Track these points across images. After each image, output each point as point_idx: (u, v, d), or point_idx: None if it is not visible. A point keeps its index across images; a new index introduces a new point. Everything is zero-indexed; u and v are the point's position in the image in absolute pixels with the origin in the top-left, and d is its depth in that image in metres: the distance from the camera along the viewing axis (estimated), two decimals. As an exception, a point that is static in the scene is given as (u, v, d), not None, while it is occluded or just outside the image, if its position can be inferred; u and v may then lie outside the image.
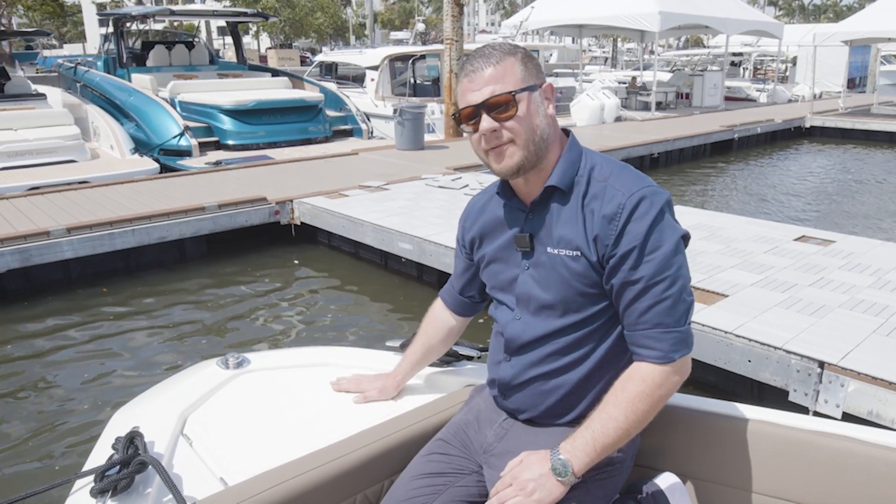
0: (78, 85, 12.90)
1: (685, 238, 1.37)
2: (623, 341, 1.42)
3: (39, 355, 4.44)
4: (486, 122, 1.37)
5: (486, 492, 1.46)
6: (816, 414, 3.17)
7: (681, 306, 1.34)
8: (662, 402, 1.35)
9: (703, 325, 3.57)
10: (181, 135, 9.74)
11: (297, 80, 12.90)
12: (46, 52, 39.26)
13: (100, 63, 13.06)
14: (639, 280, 1.32)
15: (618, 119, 14.14)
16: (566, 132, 1.48)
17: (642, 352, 1.36)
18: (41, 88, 11.68)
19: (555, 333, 1.44)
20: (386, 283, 5.80)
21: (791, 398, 3.27)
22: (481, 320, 2.52)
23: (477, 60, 1.38)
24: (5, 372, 4.21)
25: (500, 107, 1.36)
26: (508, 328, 1.50)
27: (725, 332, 3.50)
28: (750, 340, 3.41)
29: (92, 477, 1.43)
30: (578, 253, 1.37)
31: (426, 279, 5.64)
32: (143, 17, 12.31)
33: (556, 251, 1.41)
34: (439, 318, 1.83)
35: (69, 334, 4.77)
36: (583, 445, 1.33)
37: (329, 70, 16.42)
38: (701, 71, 19.25)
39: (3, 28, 28.07)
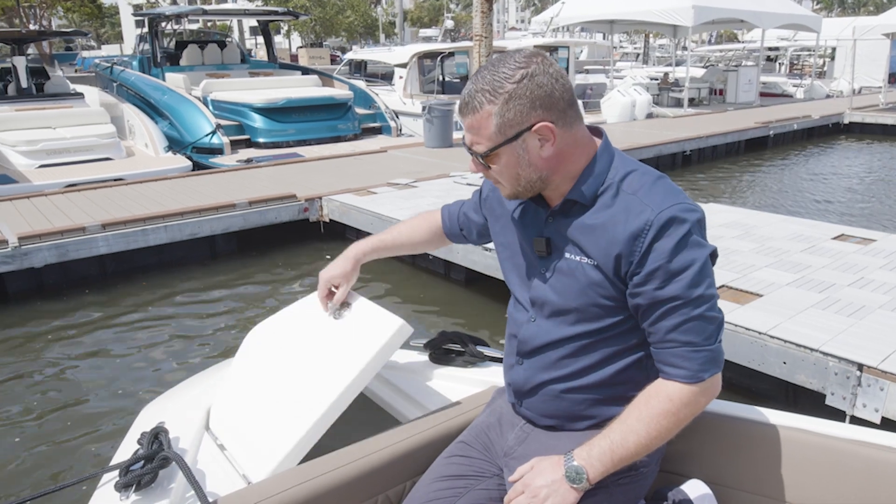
0: (114, 84, 13.17)
1: (713, 255, 1.31)
2: (640, 350, 1.38)
3: (73, 348, 4.53)
4: (472, 165, 1.38)
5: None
6: (854, 419, 3.08)
7: (710, 324, 1.29)
8: (687, 420, 1.31)
9: (737, 326, 3.48)
10: (213, 133, 9.88)
11: (326, 79, 12.99)
12: (85, 53, 40.13)
13: (135, 63, 13.32)
14: (667, 300, 1.27)
15: (649, 116, 13.95)
16: (598, 132, 1.40)
17: (670, 370, 1.31)
18: (79, 88, 11.96)
19: (568, 339, 1.40)
20: (413, 279, 5.80)
21: (828, 402, 3.18)
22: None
23: (463, 96, 1.31)
24: (42, 364, 4.30)
25: (480, 157, 1.33)
26: (522, 329, 1.47)
27: (759, 333, 3.41)
28: (785, 342, 3.32)
29: (117, 471, 1.45)
30: (598, 265, 1.33)
31: (453, 277, 5.63)
32: (177, 17, 12.50)
33: (576, 258, 1.36)
34: (430, 226, 1.83)
35: (102, 328, 4.86)
36: (599, 454, 1.29)
37: (358, 68, 16.50)
38: (735, 66, 18.88)
39: (42, 29, 28.76)
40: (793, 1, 18.43)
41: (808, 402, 3.30)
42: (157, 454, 1.47)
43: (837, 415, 3.15)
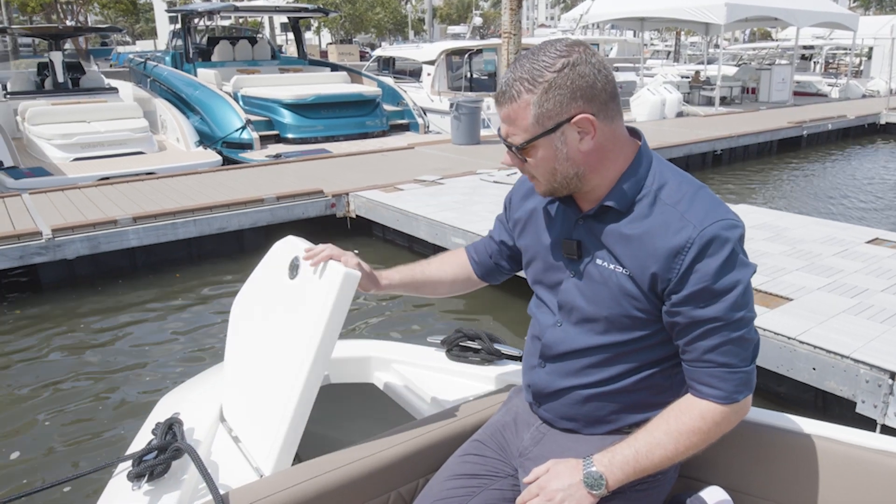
0: (147, 79, 13.39)
1: (752, 272, 1.28)
2: (667, 362, 1.35)
3: (102, 339, 4.62)
4: (507, 157, 1.33)
5: None
6: (885, 428, 3.02)
7: (748, 347, 1.26)
8: (716, 438, 1.29)
9: (765, 330, 3.43)
10: (243, 128, 9.99)
11: (355, 75, 13.05)
12: (120, 49, 40.85)
13: (168, 58, 13.53)
14: (708, 320, 1.22)
15: (679, 114, 13.77)
16: (636, 134, 1.34)
17: (704, 389, 1.27)
18: (113, 83, 12.19)
19: (595, 348, 1.36)
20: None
21: (858, 409, 3.11)
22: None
23: (504, 80, 1.25)
24: (70, 354, 4.40)
25: (516, 149, 1.28)
26: (547, 333, 1.43)
27: (789, 338, 3.36)
28: (815, 347, 3.26)
29: (130, 462, 1.46)
30: (632, 275, 1.27)
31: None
32: (210, 13, 12.67)
33: (609, 266, 1.31)
34: (460, 264, 1.69)
35: (131, 320, 4.95)
36: (622, 463, 1.27)
37: (387, 64, 16.56)
38: (769, 65, 18.55)
39: (79, 25, 29.33)
40: (829, -1, 18.02)
41: (839, 409, 3.24)
42: (170, 445, 1.47)
43: (868, 423, 3.08)
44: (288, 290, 1.60)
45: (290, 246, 1.64)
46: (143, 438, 1.62)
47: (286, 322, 1.56)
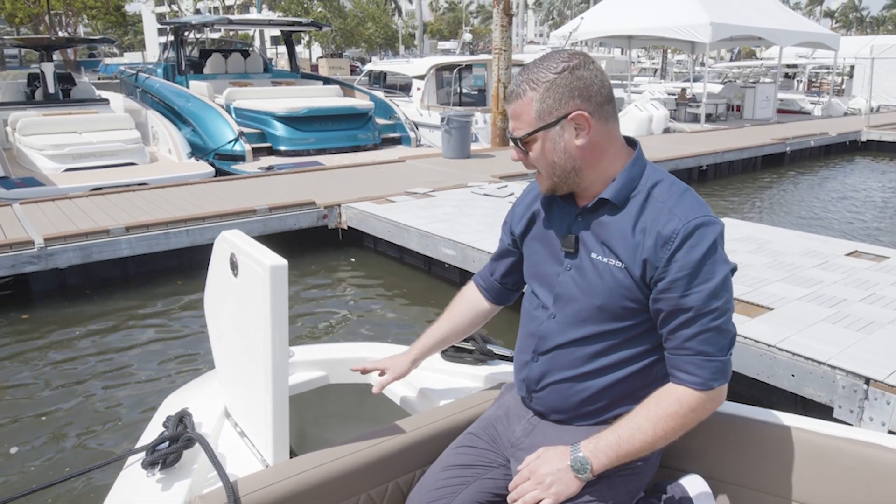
0: (138, 91, 13.43)
1: (733, 271, 1.39)
2: (653, 354, 1.45)
3: (95, 347, 4.66)
4: (514, 150, 1.46)
5: None
6: (861, 430, 3.12)
7: (725, 337, 1.36)
8: (692, 424, 1.38)
9: (746, 339, 3.54)
10: (236, 140, 10.05)
11: (347, 89, 13.16)
12: (108, 60, 40.86)
13: (159, 70, 13.58)
14: (688, 308, 1.33)
15: (666, 131, 13.99)
16: (632, 143, 1.47)
17: (682, 376, 1.38)
18: (104, 94, 12.21)
19: (589, 338, 1.45)
20: (429, 288, 5.89)
21: (836, 415, 3.22)
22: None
23: (514, 82, 1.41)
24: (64, 362, 4.43)
25: (520, 143, 1.42)
26: (542, 326, 1.52)
27: (769, 346, 3.46)
28: (794, 355, 3.37)
29: (143, 452, 1.54)
30: (626, 267, 1.38)
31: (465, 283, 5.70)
32: (203, 26, 12.75)
33: (604, 259, 1.41)
34: (469, 300, 1.82)
35: (124, 328, 4.98)
36: (606, 448, 1.36)
37: (378, 79, 16.69)
38: (753, 83, 18.88)
39: (70, 36, 29.32)
40: (811, 19, 18.40)
41: (817, 414, 3.31)
42: (182, 435, 1.55)
43: (845, 427, 3.19)
44: (235, 288, 1.63)
45: (227, 243, 1.67)
46: (152, 432, 1.68)
47: (242, 318, 1.61)
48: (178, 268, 6.20)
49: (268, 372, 1.48)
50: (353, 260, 6.57)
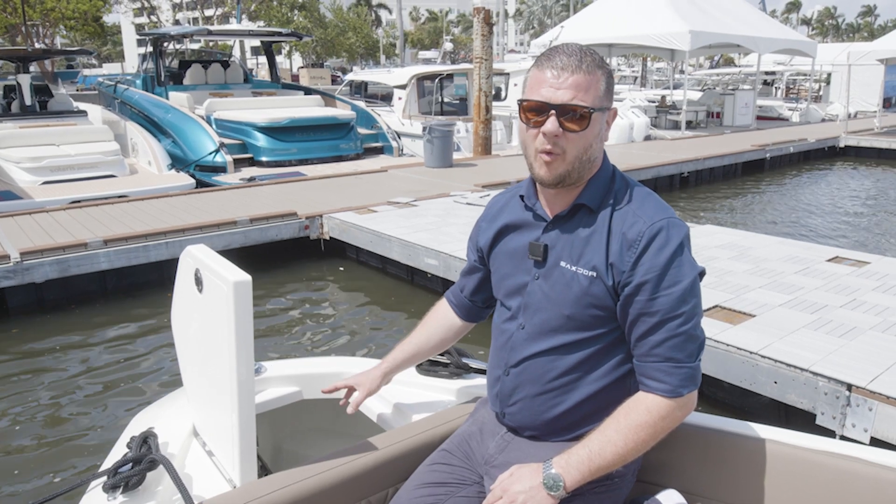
0: (117, 102, 13.31)
1: (701, 275, 1.37)
2: (623, 366, 1.42)
3: (71, 362, 4.57)
4: (552, 124, 1.31)
5: None
6: (844, 438, 3.12)
7: (693, 343, 1.34)
8: (664, 433, 1.36)
9: (729, 346, 3.54)
10: (217, 151, 9.98)
11: (329, 99, 13.13)
12: (86, 71, 40.50)
13: (138, 81, 13.46)
14: (654, 313, 1.32)
15: (647, 138, 14.09)
16: None
17: (651, 383, 1.35)
18: (82, 106, 12.08)
19: (558, 349, 1.42)
20: (411, 297, 5.86)
21: (818, 421, 3.22)
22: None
23: (566, 58, 1.32)
24: (40, 378, 4.34)
25: (573, 116, 1.32)
26: (512, 337, 1.49)
27: (751, 353, 3.47)
28: (776, 361, 3.38)
29: (105, 476, 1.49)
30: (595, 274, 1.36)
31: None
32: (182, 37, 12.66)
33: (572, 268, 1.39)
34: (442, 316, 1.80)
35: (101, 342, 4.90)
36: (577, 463, 1.32)
37: (359, 89, 16.68)
38: (732, 90, 19.10)
39: (48, 47, 29.02)
40: (788, 27, 18.68)
41: (800, 421, 3.34)
42: (145, 457, 1.50)
43: (828, 435, 3.19)
44: (200, 304, 1.60)
45: (191, 258, 1.63)
46: (117, 453, 1.63)
47: (207, 335, 1.58)
48: (157, 281, 6.11)
49: (233, 389, 1.44)
50: (338, 270, 6.53)
